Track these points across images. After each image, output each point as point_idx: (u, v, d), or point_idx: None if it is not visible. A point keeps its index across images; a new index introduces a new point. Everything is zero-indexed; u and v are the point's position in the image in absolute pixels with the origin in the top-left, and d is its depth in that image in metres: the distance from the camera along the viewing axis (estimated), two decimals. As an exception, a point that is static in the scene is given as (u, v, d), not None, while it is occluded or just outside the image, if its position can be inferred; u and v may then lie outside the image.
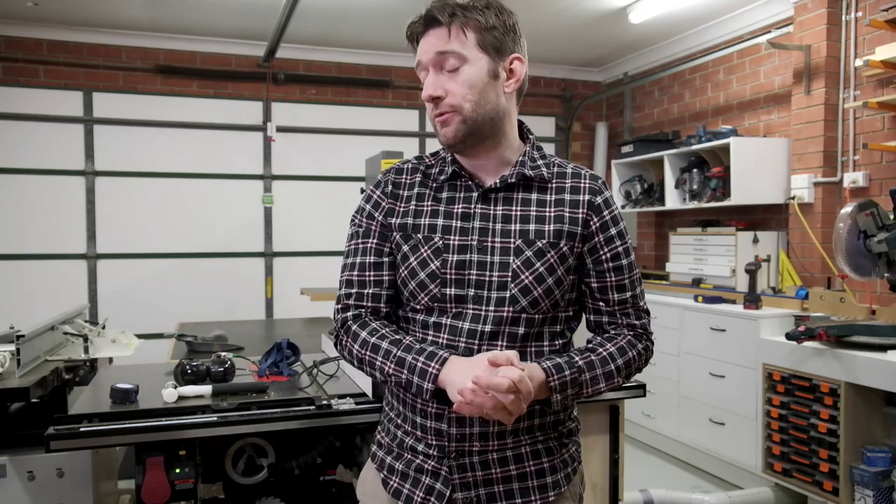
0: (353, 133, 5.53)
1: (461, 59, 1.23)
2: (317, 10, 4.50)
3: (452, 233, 1.27)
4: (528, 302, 1.24)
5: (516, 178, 1.28)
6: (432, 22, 1.25)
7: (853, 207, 3.06)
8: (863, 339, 3.03)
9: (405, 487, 1.28)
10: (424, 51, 1.27)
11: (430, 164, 1.35)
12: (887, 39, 3.53)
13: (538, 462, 1.28)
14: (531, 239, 1.25)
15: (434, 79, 1.25)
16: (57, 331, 2.64)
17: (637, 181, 5.17)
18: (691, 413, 4.09)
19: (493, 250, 1.25)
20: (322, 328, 2.94)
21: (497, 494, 1.25)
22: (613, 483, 2.17)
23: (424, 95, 1.26)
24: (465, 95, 1.23)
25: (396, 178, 1.35)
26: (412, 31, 1.30)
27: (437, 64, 1.25)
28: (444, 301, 1.26)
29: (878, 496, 2.92)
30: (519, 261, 1.24)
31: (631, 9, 4.47)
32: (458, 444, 1.24)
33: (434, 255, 1.27)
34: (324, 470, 2.15)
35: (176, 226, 5.20)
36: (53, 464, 2.11)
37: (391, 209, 1.32)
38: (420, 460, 1.27)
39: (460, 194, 1.30)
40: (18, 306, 4.69)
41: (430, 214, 1.30)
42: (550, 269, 1.25)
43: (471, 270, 1.25)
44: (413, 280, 1.28)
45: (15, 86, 4.84)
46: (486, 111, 1.25)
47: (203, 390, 1.96)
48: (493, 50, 1.25)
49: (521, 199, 1.28)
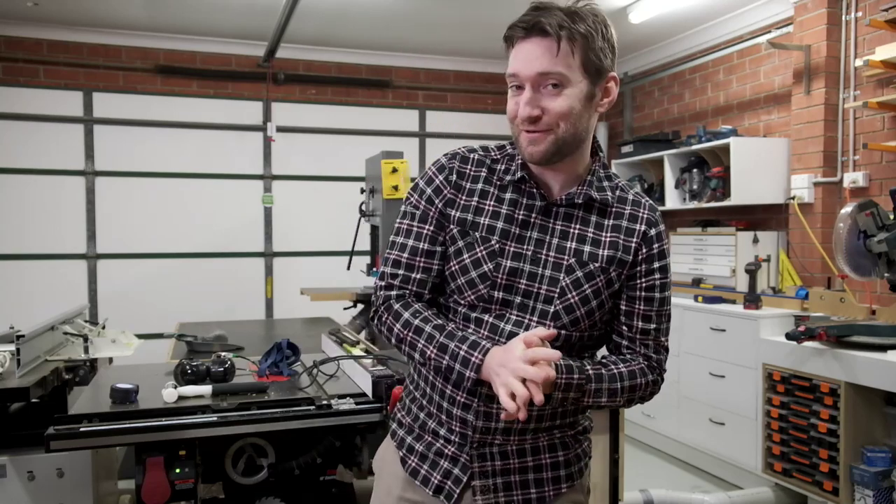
0: (353, 133, 5.53)
1: (565, 81, 1.19)
2: (317, 10, 4.50)
3: (510, 238, 1.27)
4: (570, 320, 1.26)
5: (582, 199, 1.27)
6: (539, 31, 1.18)
7: (853, 207, 3.06)
8: (863, 339, 3.03)
9: (423, 468, 1.31)
10: (526, 64, 1.19)
11: (496, 158, 1.33)
12: (887, 39, 3.53)
13: (554, 455, 1.32)
14: (584, 260, 1.26)
15: (532, 96, 1.20)
16: (57, 331, 2.64)
17: (637, 181, 5.17)
18: (691, 413, 4.09)
19: (545, 263, 1.26)
20: (322, 328, 2.94)
21: (513, 484, 1.29)
22: (613, 483, 2.17)
23: (522, 114, 1.21)
24: (562, 118, 1.20)
25: (462, 168, 1.32)
26: (513, 33, 1.22)
27: (538, 82, 1.20)
28: (490, 302, 1.27)
29: (878, 496, 2.92)
30: (569, 279, 1.26)
31: (631, 9, 4.47)
32: (482, 436, 1.27)
33: (489, 258, 1.27)
34: (324, 470, 2.16)
35: (176, 226, 5.20)
36: (53, 464, 2.11)
37: (452, 199, 1.30)
38: (440, 444, 1.30)
39: (524, 200, 1.29)
40: (18, 306, 4.68)
41: (490, 215, 1.28)
42: (596, 293, 1.26)
43: (521, 279, 1.26)
44: (463, 276, 1.28)
45: (15, 86, 4.84)
46: (577, 132, 1.23)
47: (203, 390, 1.97)
48: (595, 72, 1.22)
49: (581, 218, 1.28)
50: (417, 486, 1.31)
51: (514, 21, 1.21)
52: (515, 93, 1.23)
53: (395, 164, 3.14)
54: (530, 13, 1.20)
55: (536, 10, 1.19)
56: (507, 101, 1.25)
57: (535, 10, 1.19)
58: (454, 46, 5.45)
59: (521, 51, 1.20)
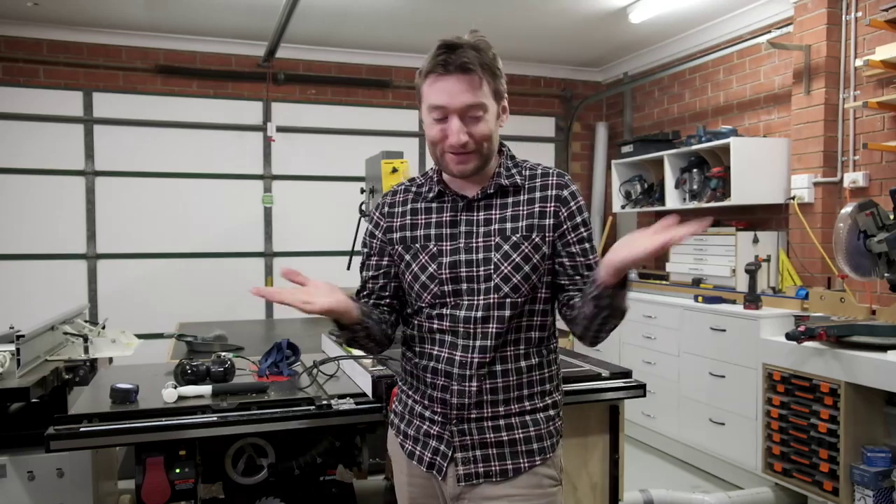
0: (353, 133, 5.53)
1: (484, 109, 1.40)
2: (317, 10, 4.50)
3: (444, 239, 1.48)
4: (510, 288, 1.44)
5: (494, 189, 1.48)
6: (462, 69, 1.36)
7: (853, 207, 3.06)
8: (863, 339, 3.02)
9: (417, 449, 1.51)
10: (452, 99, 1.38)
11: (420, 183, 1.56)
12: (887, 39, 3.53)
13: (526, 431, 1.47)
14: (507, 235, 1.45)
15: (460, 126, 1.39)
16: (57, 331, 2.64)
17: (637, 181, 5.17)
18: (691, 413, 4.09)
19: (477, 249, 1.46)
20: (322, 328, 2.93)
21: (490, 456, 1.46)
22: (613, 483, 2.17)
23: (454, 142, 1.39)
24: (486, 139, 1.42)
25: (392, 200, 1.58)
26: (434, 70, 1.38)
27: (464, 112, 1.39)
28: (444, 296, 1.47)
29: (878, 496, 2.92)
30: (499, 254, 1.45)
31: (631, 9, 4.47)
32: (458, 412, 1.45)
33: (431, 260, 1.48)
34: (324, 470, 2.16)
35: (176, 226, 5.20)
36: (53, 464, 2.11)
37: (389, 226, 1.56)
38: (427, 426, 1.50)
39: (447, 206, 1.50)
40: (18, 306, 4.68)
41: (423, 226, 1.51)
42: (526, 259, 1.44)
43: (461, 269, 1.46)
44: (416, 282, 1.50)
45: (15, 86, 4.84)
46: (493, 148, 1.46)
47: (203, 390, 1.97)
48: (498, 95, 1.44)
49: (499, 204, 1.48)
50: (415, 465, 1.51)
51: (433, 59, 1.38)
52: (439, 122, 1.40)
53: (395, 164, 3.13)
54: (445, 52, 1.36)
55: (450, 49, 1.36)
56: (427, 128, 1.44)
57: (449, 49, 1.36)
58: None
59: (446, 85, 1.38)
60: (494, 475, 1.45)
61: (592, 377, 2.20)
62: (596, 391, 2.15)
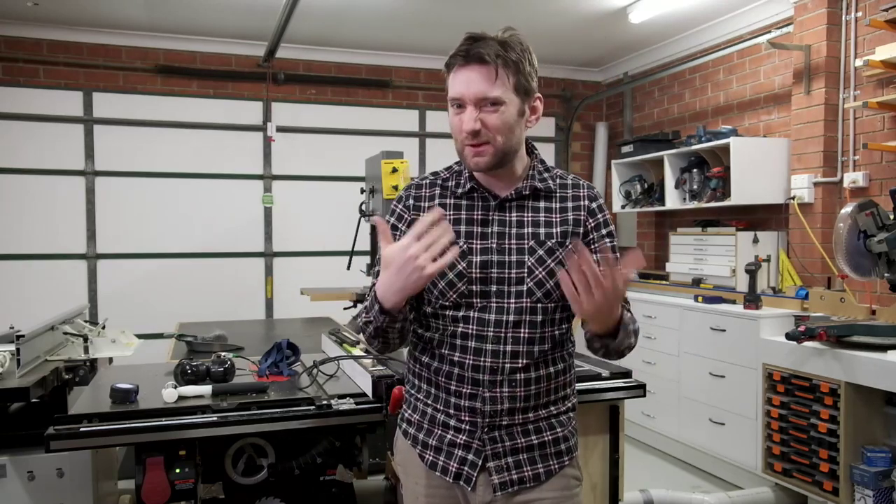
0: (353, 133, 5.53)
1: (501, 101, 1.38)
2: (317, 10, 4.49)
3: (475, 237, 1.45)
4: (543, 293, 1.43)
5: (529, 190, 1.47)
6: (478, 59, 1.37)
7: (853, 207, 3.06)
8: (863, 339, 3.02)
9: (440, 460, 1.46)
10: (468, 88, 1.38)
11: (445, 177, 1.53)
12: (887, 39, 3.53)
13: (553, 432, 1.48)
14: (542, 240, 1.45)
15: (473, 114, 1.38)
16: (57, 331, 2.64)
17: (637, 181, 5.17)
18: (691, 413, 4.09)
19: (510, 251, 1.44)
20: (322, 328, 2.93)
21: (523, 461, 1.45)
22: (613, 483, 2.17)
23: (466, 128, 1.38)
24: (499, 131, 1.39)
25: (417, 192, 1.52)
26: (454, 61, 1.40)
27: (479, 102, 1.38)
28: (471, 297, 1.43)
29: (878, 496, 2.92)
30: (533, 258, 1.44)
31: (631, 9, 4.47)
32: (491, 420, 1.43)
33: (460, 258, 1.42)
34: (324, 470, 2.15)
35: (176, 226, 5.20)
36: (53, 464, 2.11)
37: (413, 220, 1.43)
38: (451, 435, 1.45)
39: (478, 203, 1.48)
40: (18, 306, 4.69)
41: (453, 222, 1.46)
42: (560, 265, 1.42)
43: (492, 269, 1.43)
44: (442, 280, 1.43)
45: (15, 86, 4.84)
46: (513, 144, 1.43)
47: (203, 390, 1.97)
48: (524, 92, 1.42)
49: (531, 207, 1.48)
50: (438, 476, 1.46)
51: (454, 50, 1.40)
52: (458, 111, 1.41)
53: (395, 164, 3.14)
54: (467, 43, 1.38)
55: (473, 41, 1.38)
56: (450, 119, 1.43)
57: (472, 41, 1.38)
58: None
59: (463, 76, 1.39)
60: (528, 480, 1.44)
61: (592, 377, 2.20)
62: (596, 391, 2.15)
